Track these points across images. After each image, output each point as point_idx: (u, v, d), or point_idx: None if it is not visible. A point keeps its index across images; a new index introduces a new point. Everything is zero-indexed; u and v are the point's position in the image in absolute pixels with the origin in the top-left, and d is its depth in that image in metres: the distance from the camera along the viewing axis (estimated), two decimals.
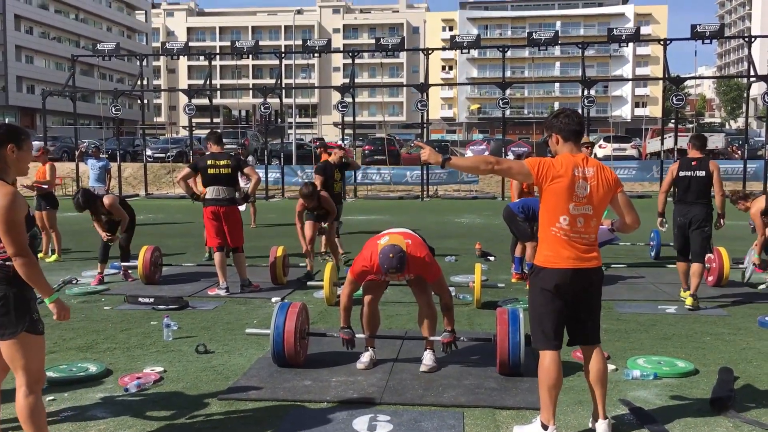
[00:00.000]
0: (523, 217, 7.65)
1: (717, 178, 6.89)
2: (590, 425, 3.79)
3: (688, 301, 6.77)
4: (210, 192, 7.50)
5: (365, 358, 4.92)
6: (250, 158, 13.86)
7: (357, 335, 4.91)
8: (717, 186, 6.93)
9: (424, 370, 4.74)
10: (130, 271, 8.43)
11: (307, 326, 5.10)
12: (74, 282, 8.10)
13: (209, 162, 7.50)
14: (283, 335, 4.76)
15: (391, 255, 4.50)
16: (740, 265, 7.94)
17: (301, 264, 9.16)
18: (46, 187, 9.76)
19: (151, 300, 7.01)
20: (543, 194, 3.63)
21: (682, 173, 6.99)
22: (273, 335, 4.77)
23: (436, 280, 4.79)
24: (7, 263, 3.05)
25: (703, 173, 6.88)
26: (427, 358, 4.83)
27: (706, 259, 7.99)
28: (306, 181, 8.53)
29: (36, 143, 14.18)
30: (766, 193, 7.91)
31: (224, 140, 8.82)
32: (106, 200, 8.00)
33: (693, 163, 6.96)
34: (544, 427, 3.60)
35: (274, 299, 7.22)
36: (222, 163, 7.48)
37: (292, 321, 4.79)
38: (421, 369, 4.76)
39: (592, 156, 6.53)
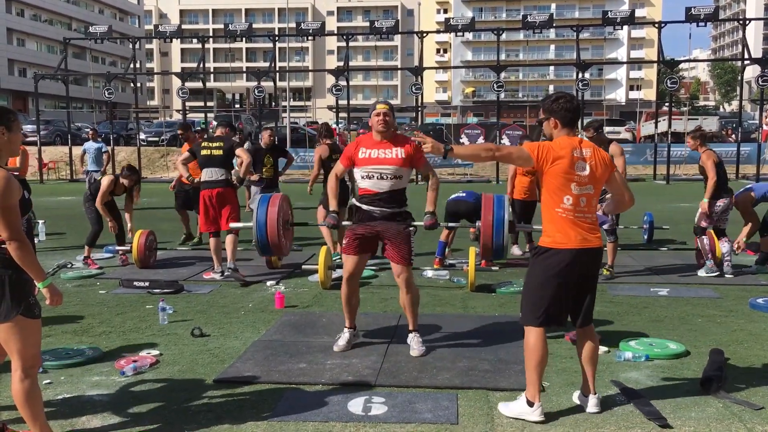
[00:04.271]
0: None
1: (621, 160, 7.60)
2: (576, 400, 3.88)
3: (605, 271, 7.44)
4: (204, 174, 7.46)
5: (341, 341, 4.95)
6: (247, 144, 13.80)
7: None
8: (622, 167, 7.62)
9: (417, 355, 4.75)
10: (126, 255, 8.45)
11: (290, 217, 5.22)
12: (69, 266, 8.11)
13: (204, 144, 7.54)
14: (265, 223, 4.84)
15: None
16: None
17: (295, 248, 9.18)
18: (17, 174, 9.52)
19: (147, 284, 7.03)
20: (545, 177, 3.69)
21: None
22: (256, 224, 4.88)
23: (426, 161, 4.88)
24: (2, 246, 3.05)
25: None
26: (415, 342, 4.85)
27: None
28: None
29: None
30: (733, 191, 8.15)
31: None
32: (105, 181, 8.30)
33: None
34: (530, 404, 3.67)
35: (269, 283, 7.24)
36: (215, 144, 7.48)
37: (274, 208, 4.88)
38: (412, 354, 4.77)
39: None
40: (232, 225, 6.01)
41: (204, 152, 7.47)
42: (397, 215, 4.83)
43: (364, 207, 4.85)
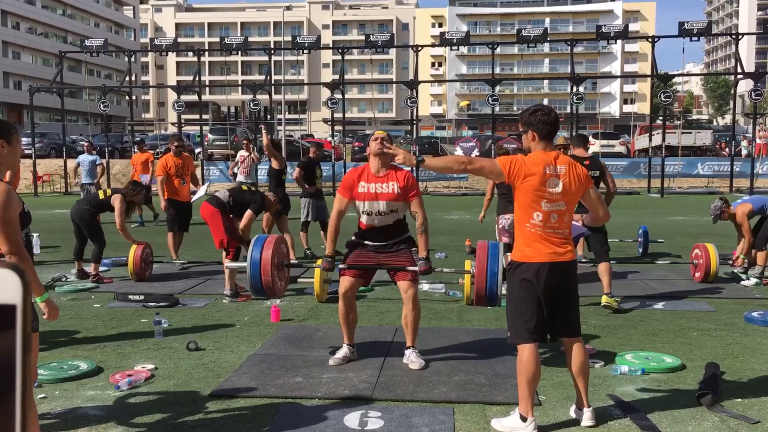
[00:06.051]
0: None
1: (608, 175, 6.86)
2: (572, 414, 3.88)
3: (603, 299, 6.52)
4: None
5: (339, 354, 4.95)
6: (243, 152, 13.92)
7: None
8: (611, 183, 6.88)
9: (417, 368, 4.75)
10: (101, 273, 8.24)
11: (286, 258, 5.25)
12: (63, 279, 8.08)
13: None
14: (259, 265, 4.87)
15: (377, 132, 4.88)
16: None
17: (292, 261, 9.17)
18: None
19: (141, 297, 7.01)
20: (516, 192, 3.74)
21: None
22: (250, 266, 4.92)
23: (419, 197, 4.87)
24: (1, 259, 3.04)
25: (597, 173, 6.71)
26: (414, 356, 4.84)
27: (693, 255, 8.11)
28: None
29: None
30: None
31: (213, 137, 8.70)
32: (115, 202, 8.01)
33: (585, 162, 6.57)
34: (523, 419, 3.68)
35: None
36: None
37: (268, 251, 4.92)
38: (412, 368, 4.76)
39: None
40: (228, 265, 6.13)
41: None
42: (396, 244, 4.91)
43: (364, 242, 4.92)
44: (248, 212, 7.30)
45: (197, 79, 26.45)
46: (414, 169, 4.62)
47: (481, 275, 4.79)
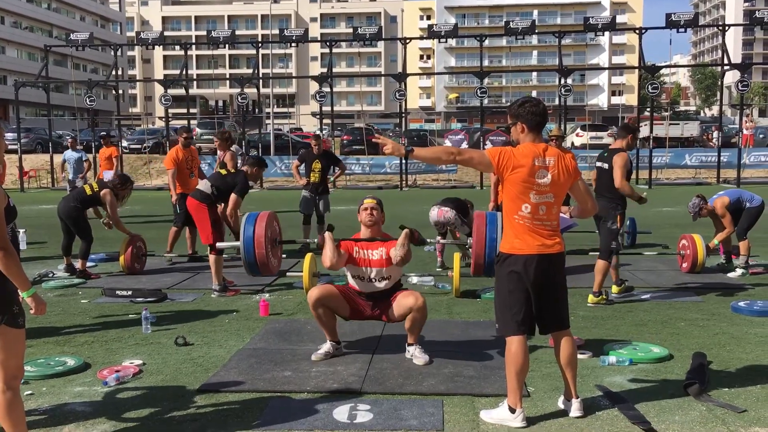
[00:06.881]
0: None
1: (615, 170, 6.25)
2: (561, 405, 3.90)
3: (590, 299, 6.46)
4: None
5: (321, 350, 4.92)
6: (234, 147, 13.84)
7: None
8: (615, 178, 6.26)
9: (422, 363, 4.69)
10: (88, 269, 8.17)
11: (278, 236, 5.19)
12: (50, 276, 8.03)
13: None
14: (253, 240, 4.82)
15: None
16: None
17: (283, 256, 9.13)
18: None
19: (129, 293, 6.97)
20: (505, 184, 3.74)
21: (597, 163, 6.59)
22: (243, 242, 4.87)
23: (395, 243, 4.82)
24: None
25: (606, 165, 6.40)
26: (418, 352, 4.80)
27: (680, 246, 8.14)
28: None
29: None
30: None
31: (202, 131, 8.68)
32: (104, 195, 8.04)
33: (605, 154, 6.54)
34: (512, 410, 3.69)
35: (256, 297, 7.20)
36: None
37: (261, 225, 4.87)
38: (417, 363, 4.72)
39: (566, 146, 6.77)
40: (219, 245, 6.00)
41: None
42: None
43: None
44: (232, 197, 7.02)
45: (184, 72, 26.34)
46: (403, 159, 4.63)
47: (480, 242, 4.73)
